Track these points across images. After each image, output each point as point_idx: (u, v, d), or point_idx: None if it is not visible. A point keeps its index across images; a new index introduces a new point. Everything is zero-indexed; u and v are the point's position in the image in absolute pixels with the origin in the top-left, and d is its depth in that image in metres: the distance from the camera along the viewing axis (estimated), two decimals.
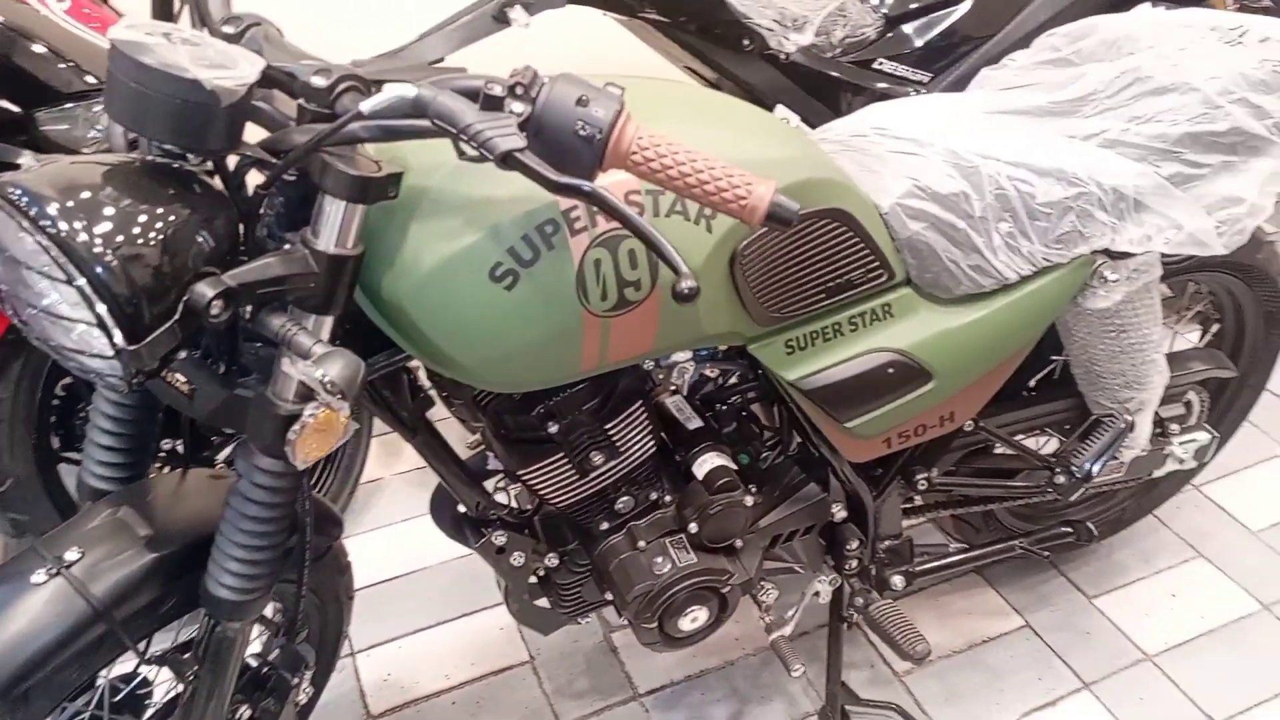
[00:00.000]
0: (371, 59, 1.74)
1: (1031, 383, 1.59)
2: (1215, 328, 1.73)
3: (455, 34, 1.75)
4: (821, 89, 1.91)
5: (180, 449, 1.52)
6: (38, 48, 1.40)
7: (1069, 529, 1.62)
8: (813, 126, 1.88)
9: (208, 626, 1.08)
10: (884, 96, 1.96)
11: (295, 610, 1.19)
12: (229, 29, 0.93)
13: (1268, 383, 1.79)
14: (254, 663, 1.26)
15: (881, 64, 1.96)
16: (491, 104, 0.79)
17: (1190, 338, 1.83)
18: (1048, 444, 1.63)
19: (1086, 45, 1.34)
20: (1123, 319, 1.31)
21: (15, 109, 1.36)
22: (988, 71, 1.43)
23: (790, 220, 0.83)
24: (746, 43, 1.83)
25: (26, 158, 0.93)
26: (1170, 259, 1.36)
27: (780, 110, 1.85)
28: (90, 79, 1.43)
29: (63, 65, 1.42)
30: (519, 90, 0.80)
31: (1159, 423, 1.57)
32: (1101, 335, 1.34)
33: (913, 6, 1.98)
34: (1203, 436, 1.61)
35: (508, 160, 0.78)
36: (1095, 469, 1.43)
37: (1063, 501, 1.53)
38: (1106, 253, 1.24)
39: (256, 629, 1.16)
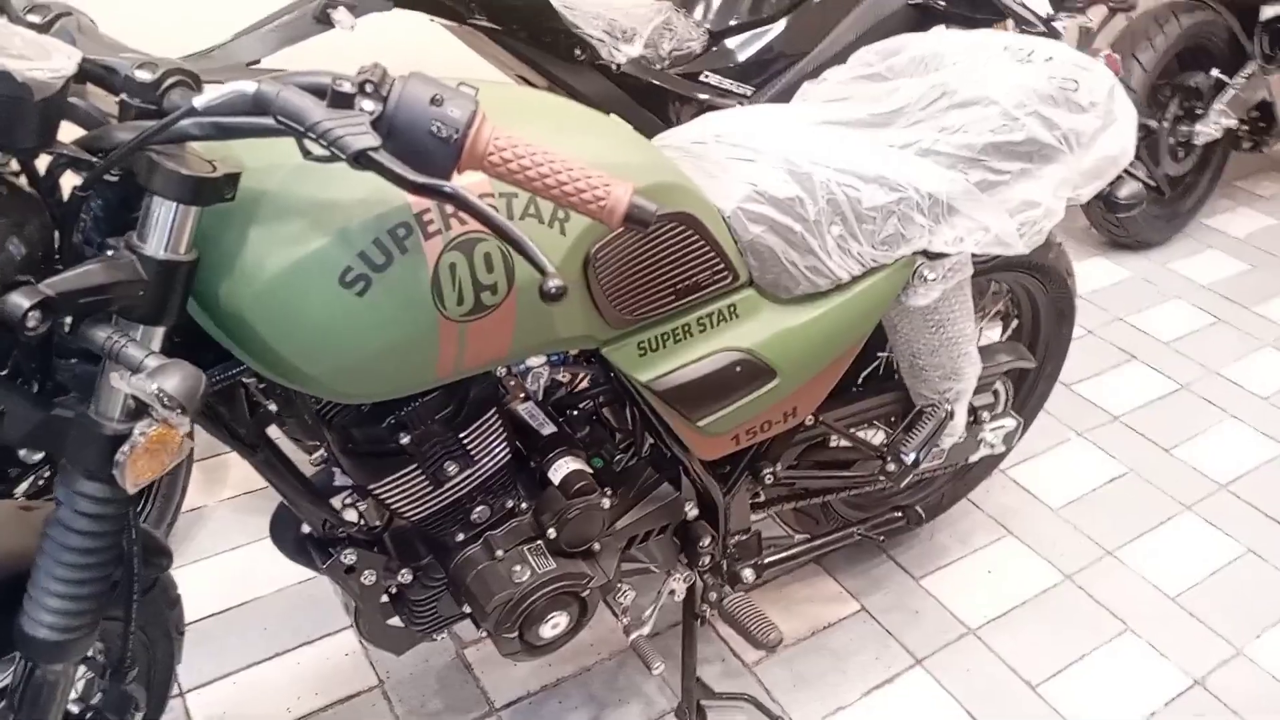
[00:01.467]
0: (184, 58, 1.64)
1: (860, 379, 1.69)
2: (1014, 324, 1.90)
3: (274, 35, 1.68)
4: (651, 99, 1.96)
5: None
6: None
7: (900, 513, 1.72)
8: (645, 135, 1.93)
9: (24, 671, 0.98)
10: (710, 107, 2.03)
11: (124, 649, 1.10)
12: (35, 18, 0.86)
13: (1060, 371, 1.97)
14: (77, 709, 1.15)
15: (707, 76, 2.03)
16: (341, 101, 0.77)
17: (992, 334, 1.99)
18: (875, 436, 1.73)
19: (897, 62, 1.44)
20: (940, 315, 1.41)
21: None
22: (809, 85, 1.51)
23: (648, 221, 0.85)
24: (578, 53, 1.85)
25: None
26: (978, 259, 1.48)
27: (613, 119, 1.89)
28: None
29: None
30: (369, 88, 0.78)
31: (972, 411, 1.70)
32: (923, 330, 1.44)
33: (733, 23, 2.07)
34: (1010, 422, 1.76)
35: (361, 159, 0.75)
36: (921, 456, 1.53)
37: (893, 488, 1.63)
38: (925, 254, 1.34)
39: (80, 670, 1.07)
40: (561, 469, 1.26)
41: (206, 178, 0.81)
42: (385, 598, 1.30)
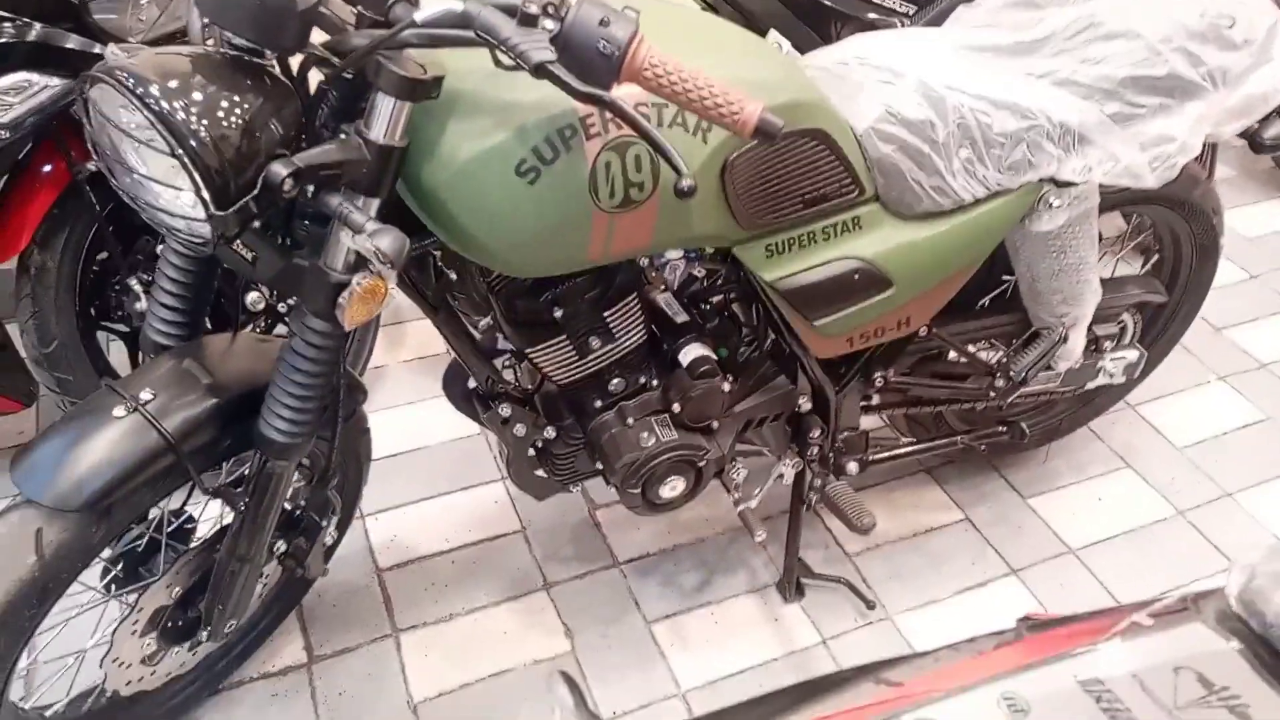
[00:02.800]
0: None
1: (986, 300, 1.76)
2: (1155, 258, 1.91)
3: None
4: (813, 16, 2.03)
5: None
6: None
7: (1004, 428, 1.82)
8: (802, 52, 2.02)
9: (258, 464, 1.26)
10: (871, 26, 2.09)
11: (328, 460, 1.38)
12: None
13: (1199, 310, 1.97)
14: (289, 506, 1.44)
15: None
16: (527, 20, 0.93)
17: (1133, 266, 2.00)
18: (996, 356, 1.82)
19: None
20: (1063, 241, 1.48)
21: None
22: (963, 9, 1.57)
23: (775, 135, 0.98)
24: None
25: (111, 48, 1.06)
26: (1118, 191, 1.52)
27: (772, 35, 1.99)
28: None
29: None
30: (550, 9, 0.94)
31: (1094, 339, 1.75)
32: (1044, 254, 1.51)
33: None
34: (1132, 355, 1.80)
35: (540, 70, 0.92)
36: (1030, 375, 1.62)
37: (1001, 404, 1.72)
38: (1053, 180, 1.41)
39: (294, 478, 1.34)
40: (690, 353, 1.44)
41: (419, 79, 1.00)
42: (533, 450, 1.53)
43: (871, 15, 2.09)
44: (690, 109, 0.98)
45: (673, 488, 1.53)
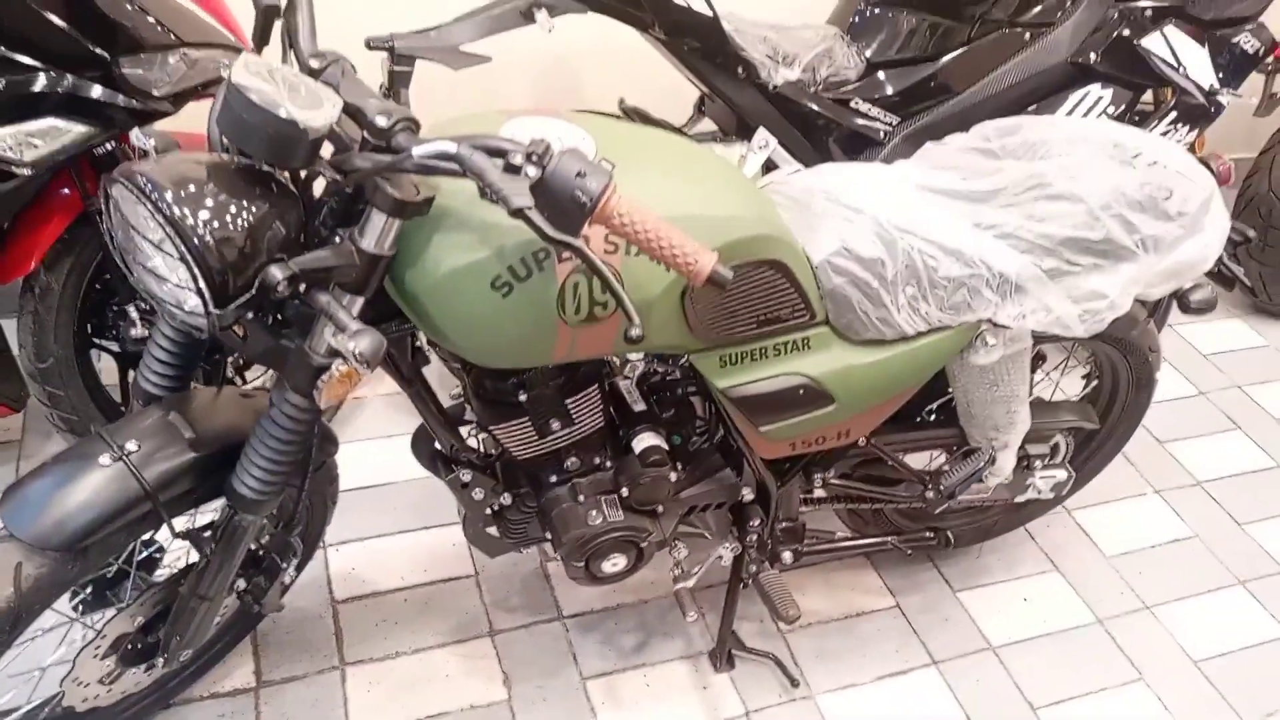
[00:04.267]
0: (407, 34, 1.96)
1: (933, 410, 1.88)
2: (1094, 383, 2.03)
3: (484, 23, 1.97)
4: (801, 119, 2.16)
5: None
6: (128, 4, 1.61)
7: (931, 534, 1.93)
8: (789, 150, 2.14)
9: (227, 514, 1.36)
10: (855, 133, 2.21)
11: (294, 509, 1.48)
12: (314, 63, 1.16)
13: (1131, 437, 2.09)
14: (253, 546, 1.54)
15: (857, 104, 2.20)
16: (511, 169, 1.04)
17: (1072, 387, 2.12)
18: (931, 465, 1.93)
19: (1010, 142, 1.60)
20: (996, 375, 1.60)
21: (104, 54, 1.58)
22: (930, 145, 1.69)
23: (725, 285, 1.09)
24: (740, 71, 2.06)
25: (136, 133, 1.16)
26: None
27: (761, 133, 2.11)
28: (170, 35, 1.65)
29: (149, 19, 1.64)
30: (534, 158, 1.05)
31: (1025, 457, 1.87)
32: (979, 384, 1.63)
33: (893, 55, 2.22)
34: (1061, 474, 1.92)
35: (517, 214, 1.03)
36: (958, 490, 1.73)
37: (935, 509, 1.84)
38: (990, 321, 1.52)
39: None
40: (643, 442, 1.55)
41: (411, 201, 1.11)
42: (489, 511, 1.63)
43: (858, 122, 2.22)
44: (650, 254, 1.09)
45: (614, 564, 1.63)
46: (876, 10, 2.27)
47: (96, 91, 1.58)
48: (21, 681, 1.57)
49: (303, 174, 1.13)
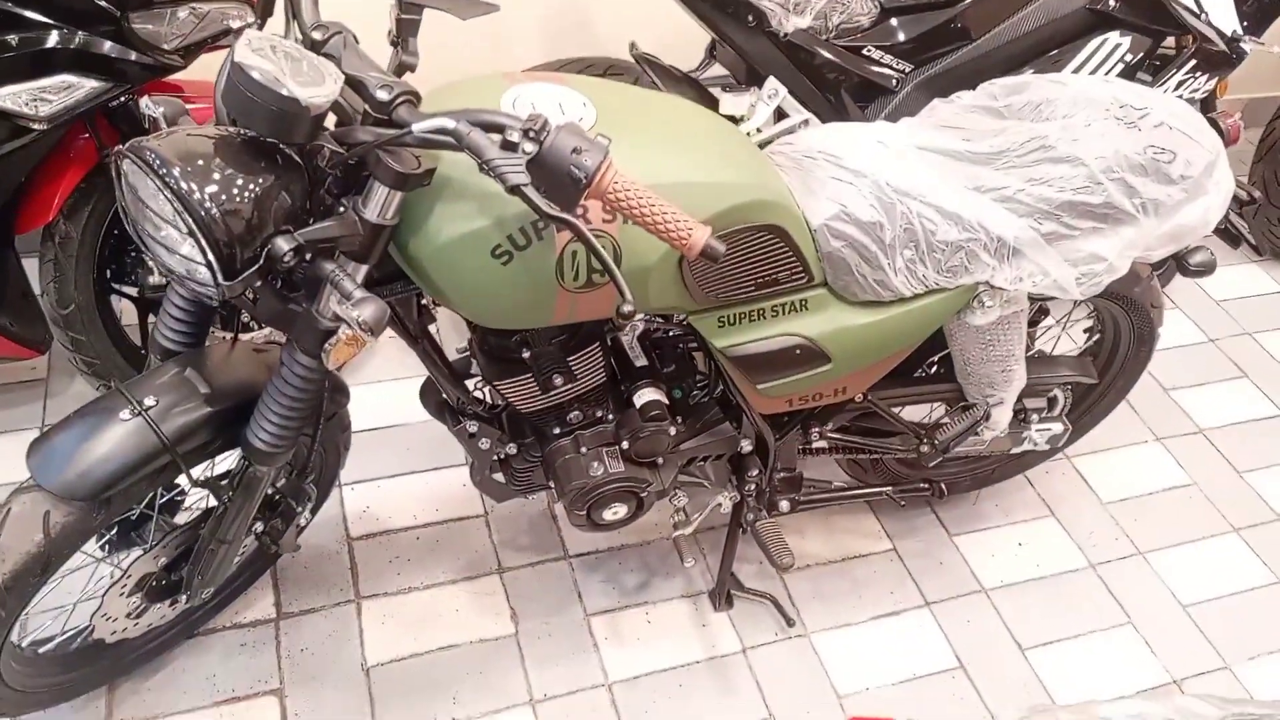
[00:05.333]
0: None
1: (933, 364, 1.90)
2: (1096, 337, 2.05)
3: None
4: (811, 67, 2.14)
5: None
6: None
7: (926, 484, 1.98)
8: (798, 99, 2.13)
9: (243, 465, 1.42)
10: (867, 80, 2.19)
11: (308, 457, 1.54)
12: (317, 34, 1.18)
13: (1130, 391, 2.11)
14: (269, 491, 1.61)
15: (870, 51, 2.17)
16: (508, 146, 1.06)
17: (1075, 339, 2.14)
18: (928, 417, 1.96)
19: (1016, 101, 1.59)
20: (992, 335, 1.62)
21: (113, 9, 1.59)
22: (939, 102, 1.68)
23: (717, 258, 1.12)
24: (750, 19, 2.04)
25: (145, 100, 1.19)
26: None
27: (771, 82, 2.10)
28: None
29: None
30: (530, 133, 1.07)
31: (1022, 411, 1.90)
32: (975, 343, 1.65)
33: (908, 2, 2.18)
34: (1057, 427, 1.95)
35: (513, 191, 1.06)
36: (953, 444, 1.77)
37: (928, 464, 1.88)
38: (988, 284, 1.54)
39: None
40: (643, 397, 1.59)
41: (412, 173, 1.13)
42: (495, 459, 1.69)
43: (871, 69, 2.20)
44: (644, 227, 1.11)
45: (615, 513, 1.69)
46: None
47: (107, 47, 1.60)
48: (53, 615, 1.67)
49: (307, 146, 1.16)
